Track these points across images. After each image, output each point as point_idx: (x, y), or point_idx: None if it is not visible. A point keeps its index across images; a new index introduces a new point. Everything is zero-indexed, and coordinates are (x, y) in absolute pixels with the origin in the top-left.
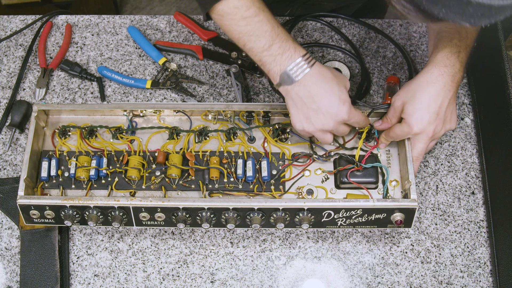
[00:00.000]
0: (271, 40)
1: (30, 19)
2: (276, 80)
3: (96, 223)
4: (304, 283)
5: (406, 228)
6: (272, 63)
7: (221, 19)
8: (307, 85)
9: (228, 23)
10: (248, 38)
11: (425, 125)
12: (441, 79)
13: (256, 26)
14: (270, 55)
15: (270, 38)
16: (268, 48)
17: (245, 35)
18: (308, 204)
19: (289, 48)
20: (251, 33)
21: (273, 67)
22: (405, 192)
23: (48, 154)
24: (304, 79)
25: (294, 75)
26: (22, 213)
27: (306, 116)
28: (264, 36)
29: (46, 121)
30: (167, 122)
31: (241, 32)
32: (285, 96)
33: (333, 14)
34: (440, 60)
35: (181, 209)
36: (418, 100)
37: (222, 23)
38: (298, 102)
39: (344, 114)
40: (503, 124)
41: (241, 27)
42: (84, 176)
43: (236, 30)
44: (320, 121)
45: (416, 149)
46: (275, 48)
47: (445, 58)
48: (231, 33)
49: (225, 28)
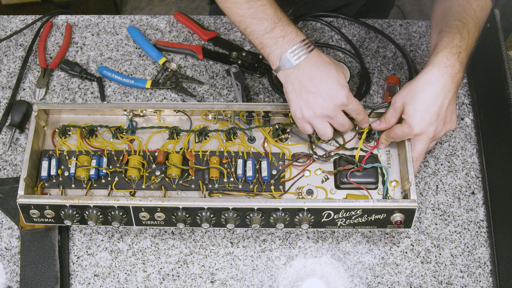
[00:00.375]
0: (273, 23)
1: (30, 19)
2: (275, 64)
3: (96, 223)
4: (304, 283)
5: (406, 228)
6: (273, 45)
7: (224, 1)
8: (306, 68)
9: (231, 6)
10: (250, 21)
11: (425, 126)
12: (441, 79)
13: (259, 10)
14: (272, 37)
15: (273, 21)
16: (270, 31)
17: (247, 18)
18: (308, 204)
19: (291, 32)
20: (253, 16)
21: (274, 50)
22: (405, 193)
23: (48, 154)
24: (304, 62)
25: (295, 58)
26: (22, 212)
27: (305, 101)
28: (266, 19)
29: (46, 120)
30: (167, 122)
31: (243, 15)
32: (285, 82)
33: (333, 14)
34: (440, 61)
35: (181, 209)
36: (419, 101)
37: (224, 5)
38: (297, 86)
39: (343, 97)
40: (503, 124)
41: (243, 10)
42: (84, 175)
43: (238, 13)
44: (319, 105)
45: (416, 149)
46: (277, 31)
47: (445, 58)
48: (233, 15)
49: (227, 11)
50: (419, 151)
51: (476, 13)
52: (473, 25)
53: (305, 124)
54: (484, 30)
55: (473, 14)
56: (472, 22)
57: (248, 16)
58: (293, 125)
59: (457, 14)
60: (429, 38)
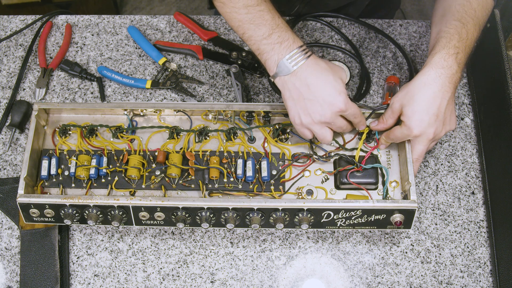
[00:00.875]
0: (271, 29)
1: (30, 19)
2: (272, 70)
3: (95, 222)
4: (304, 283)
5: (405, 229)
6: (270, 51)
7: (223, 6)
8: (303, 75)
9: (230, 11)
10: (248, 26)
11: (425, 127)
12: (438, 80)
13: (257, 15)
14: (269, 43)
15: (270, 27)
16: (267, 37)
17: (245, 23)
18: (307, 205)
19: (288, 38)
20: (251, 21)
21: (271, 56)
22: (405, 193)
23: (49, 153)
24: (301, 69)
25: (292, 64)
26: (22, 211)
27: (303, 108)
28: (264, 25)
29: (47, 119)
30: (168, 121)
31: (242, 20)
32: (282, 88)
33: (333, 14)
34: (437, 62)
35: (180, 209)
36: (416, 103)
37: (223, 10)
38: (294, 93)
39: (341, 103)
40: (503, 124)
41: (242, 15)
42: (84, 175)
43: (237, 18)
44: (317, 112)
45: (416, 151)
46: (274, 37)
47: (442, 59)
48: (231, 20)
49: (226, 16)
50: (418, 152)
51: (476, 13)
52: (473, 25)
53: (304, 130)
54: (484, 30)
55: (473, 14)
56: (472, 22)
57: (246, 21)
58: (293, 126)
59: (456, 14)
60: (429, 38)
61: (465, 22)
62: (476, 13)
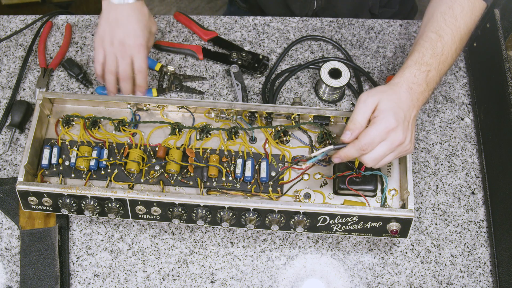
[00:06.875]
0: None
1: (30, 19)
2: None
3: (92, 213)
4: (304, 283)
5: (401, 238)
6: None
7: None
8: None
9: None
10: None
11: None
12: (410, 92)
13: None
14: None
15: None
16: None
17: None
18: (303, 208)
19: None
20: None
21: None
22: (403, 202)
23: (51, 142)
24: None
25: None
26: (20, 198)
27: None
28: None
29: (51, 109)
30: (170, 117)
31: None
32: (102, 11)
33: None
34: (407, 77)
35: (177, 205)
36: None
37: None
38: (107, 21)
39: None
40: (503, 124)
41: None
42: (84, 166)
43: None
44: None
45: (376, 149)
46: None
47: (413, 76)
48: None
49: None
50: (379, 152)
51: (457, 21)
52: (451, 37)
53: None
54: (484, 30)
55: (453, 22)
56: (450, 33)
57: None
58: (295, 128)
59: (435, 23)
60: None
61: (442, 34)
62: (457, 22)
